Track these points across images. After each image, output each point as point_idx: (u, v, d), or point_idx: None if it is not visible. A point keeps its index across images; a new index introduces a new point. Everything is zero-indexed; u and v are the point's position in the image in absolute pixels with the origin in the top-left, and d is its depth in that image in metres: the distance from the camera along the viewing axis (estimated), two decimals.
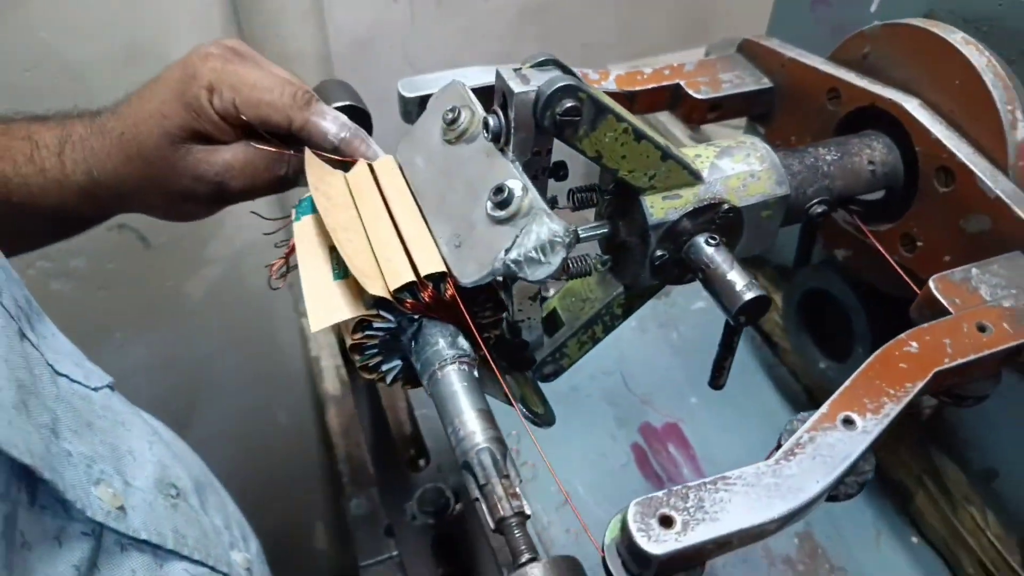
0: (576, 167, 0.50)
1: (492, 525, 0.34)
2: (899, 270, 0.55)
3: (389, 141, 0.54)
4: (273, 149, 0.52)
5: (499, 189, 0.40)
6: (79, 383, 0.47)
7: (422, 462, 0.71)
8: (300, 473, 1.63)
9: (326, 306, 0.41)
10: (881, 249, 0.57)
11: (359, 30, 1.21)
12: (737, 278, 0.46)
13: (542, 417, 0.48)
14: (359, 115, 0.56)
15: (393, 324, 0.41)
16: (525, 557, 0.33)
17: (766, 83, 0.64)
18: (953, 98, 0.53)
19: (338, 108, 0.54)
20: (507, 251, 0.39)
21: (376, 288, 0.40)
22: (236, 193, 0.53)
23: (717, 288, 0.47)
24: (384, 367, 0.44)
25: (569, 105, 0.40)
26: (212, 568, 0.50)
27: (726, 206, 0.49)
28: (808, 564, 0.70)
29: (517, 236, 0.39)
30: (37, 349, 0.44)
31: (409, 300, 0.41)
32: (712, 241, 0.48)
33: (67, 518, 0.40)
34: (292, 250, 0.50)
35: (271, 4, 1.05)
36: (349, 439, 0.88)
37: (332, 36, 1.15)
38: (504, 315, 0.45)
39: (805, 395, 0.84)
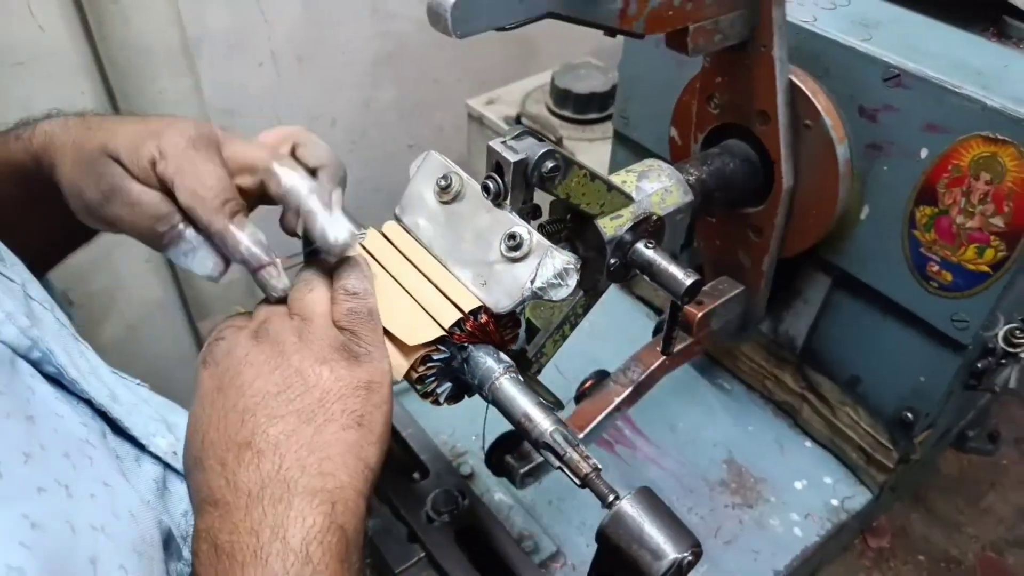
0: None
1: (579, 482, 0.47)
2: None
3: None
4: (170, 208, 0.52)
5: (512, 236, 0.52)
6: (121, 376, 0.59)
7: (416, 475, 0.80)
8: None
9: (394, 359, 0.51)
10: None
11: (232, 96, 1.26)
12: (677, 270, 0.61)
13: (555, 403, 0.61)
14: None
15: (447, 355, 0.52)
16: (611, 497, 0.45)
17: None
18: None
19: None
20: (532, 281, 0.51)
21: (434, 329, 0.51)
22: (110, 215, 0.53)
23: (663, 280, 0.61)
24: (439, 390, 0.54)
25: (552, 165, 0.53)
26: None
27: (654, 217, 0.64)
28: (738, 481, 0.88)
29: (536, 269, 0.52)
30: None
31: (457, 333, 0.52)
32: (649, 245, 0.63)
33: (140, 449, 0.55)
34: None
35: (151, 90, 1.08)
36: None
37: (208, 105, 1.19)
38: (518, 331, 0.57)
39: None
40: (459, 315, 0.52)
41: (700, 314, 0.75)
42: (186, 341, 1.48)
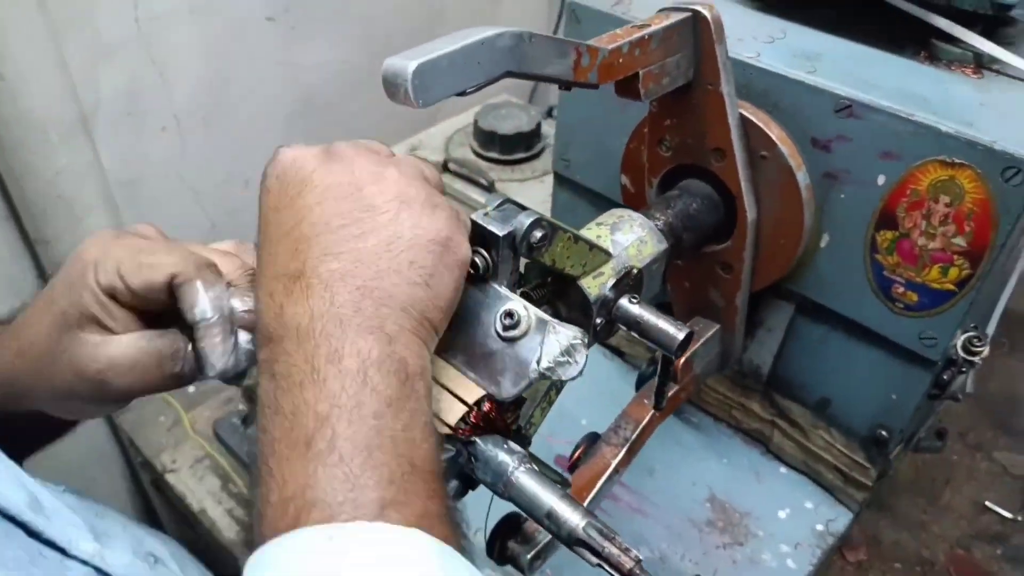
0: None
1: None
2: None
3: None
4: (165, 341, 0.49)
5: (508, 314, 0.49)
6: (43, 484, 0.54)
7: None
8: None
9: None
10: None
11: (134, 166, 1.17)
12: (667, 325, 0.58)
13: (563, 482, 0.57)
14: None
15: (454, 452, 0.48)
16: None
17: None
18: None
19: None
20: (538, 362, 0.48)
21: (440, 428, 0.46)
22: (121, 392, 0.49)
23: (654, 336, 0.59)
24: None
25: (541, 234, 0.50)
26: None
27: (635, 271, 0.62)
28: (724, 519, 0.86)
29: (540, 347, 0.48)
30: None
31: (463, 427, 0.47)
32: (634, 300, 0.61)
33: (63, 553, 0.51)
34: None
35: (46, 168, 0.98)
36: None
37: (111, 180, 1.10)
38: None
39: None
40: (464, 409, 0.47)
41: (682, 360, 0.73)
42: (101, 434, 1.36)
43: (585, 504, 0.67)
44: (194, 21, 1.18)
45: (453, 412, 0.47)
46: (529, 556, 0.64)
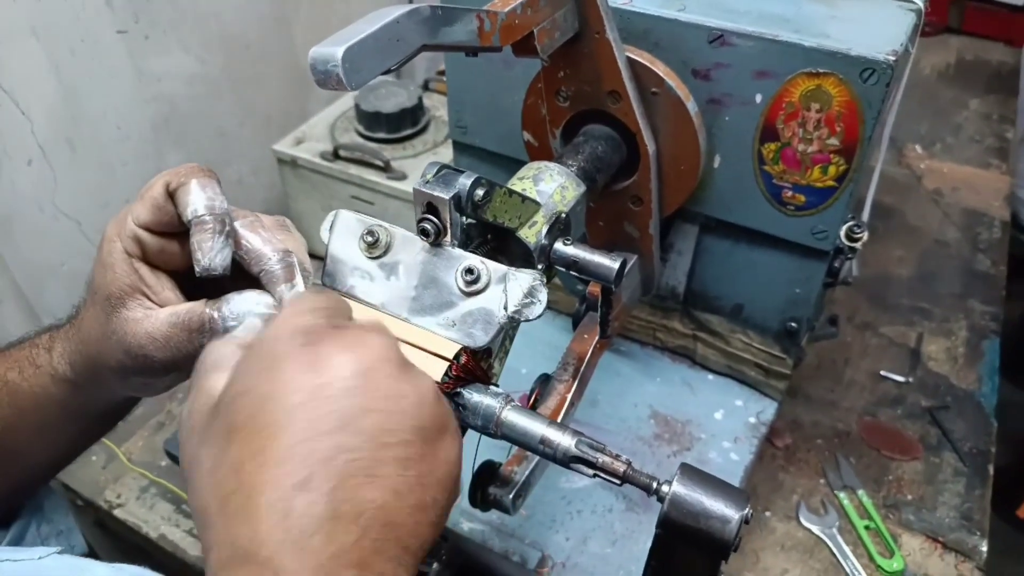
0: None
1: (619, 481, 0.48)
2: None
3: None
4: (191, 312, 0.51)
5: (468, 271, 0.52)
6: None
7: None
8: None
9: None
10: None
11: (4, 206, 1.10)
12: (602, 258, 0.63)
13: None
14: None
15: None
16: (655, 484, 0.47)
17: None
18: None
19: None
20: (504, 307, 0.51)
21: None
22: (164, 364, 0.52)
23: (592, 270, 0.64)
24: None
25: (483, 192, 0.53)
26: None
27: (563, 215, 0.67)
28: (669, 430, 0.94)
29: (504, 294, 0.52)
30: None
31: (447, 382, 0.51)
32: (567, 242, 0.65)
33: None
34: None
35: None
36: None
37: None
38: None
39: None
40: (446, 364, 0.50)
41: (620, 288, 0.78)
42: None
43: None
44: (40, 43, 1.11)
45: (436, 370, 0.50)
46: (511, 496, 0.68)
